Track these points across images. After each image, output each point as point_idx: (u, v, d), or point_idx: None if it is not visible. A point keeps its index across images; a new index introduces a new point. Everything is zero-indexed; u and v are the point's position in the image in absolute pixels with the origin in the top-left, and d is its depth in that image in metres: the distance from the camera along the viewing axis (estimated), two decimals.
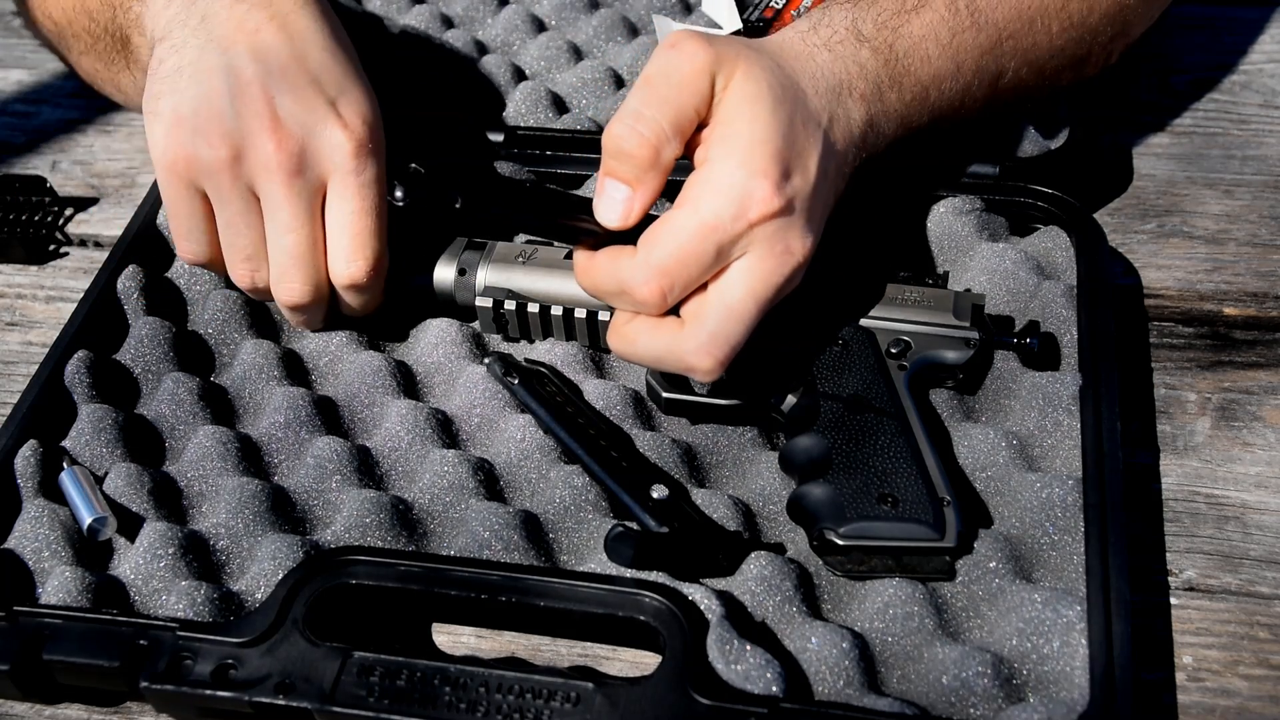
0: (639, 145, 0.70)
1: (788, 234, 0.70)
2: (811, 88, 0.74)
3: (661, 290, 0.70)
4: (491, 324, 0.85)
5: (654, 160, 0.70)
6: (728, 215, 0.69)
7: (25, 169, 1.07)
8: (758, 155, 0.69)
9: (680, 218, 0.70)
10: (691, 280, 0.71)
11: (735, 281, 0.70)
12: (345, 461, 0.78)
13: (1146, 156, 1.03)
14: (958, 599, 0.71)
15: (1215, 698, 0.71)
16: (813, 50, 0.76)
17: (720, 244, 0.69)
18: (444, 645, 0.74)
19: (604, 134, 0.71)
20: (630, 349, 0.74)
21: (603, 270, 0.73)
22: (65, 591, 0.71)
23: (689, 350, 0.71)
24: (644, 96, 0.70)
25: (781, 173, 0.70)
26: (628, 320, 0.74)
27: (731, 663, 0.65)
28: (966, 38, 0.81)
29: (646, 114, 0.70)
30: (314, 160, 0.76)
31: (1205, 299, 0.92)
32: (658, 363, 0.74)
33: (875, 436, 0.74)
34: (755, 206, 0.69)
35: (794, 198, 0.70)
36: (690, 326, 0.71)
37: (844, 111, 0.75)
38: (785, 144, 0.70)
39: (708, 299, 0.71)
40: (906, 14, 0.79)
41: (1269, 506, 0.79)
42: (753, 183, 0.69)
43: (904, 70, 0.78)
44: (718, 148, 0.70)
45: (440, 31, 1.08)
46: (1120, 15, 0.88)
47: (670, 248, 0.70)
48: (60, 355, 0.82)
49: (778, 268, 0.70)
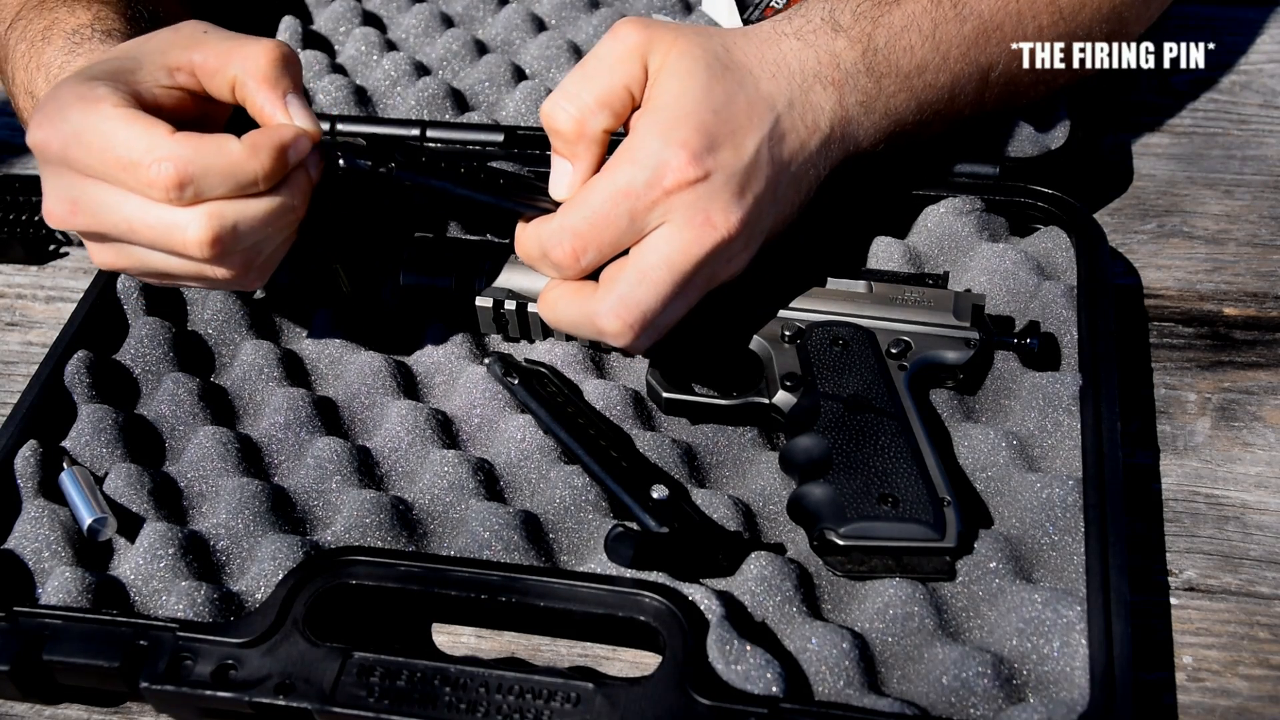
0: (564, 120, 0.74)
1: (709, 205, 0.71)
2: (768, 72, 0.75)
3: (574, 251, 0.73)
4: (491, 324, 0.85)
5: (580, 133, 0.74)
6: (641, 181, 0.71)
7: (25, 169, 1.07)
8: (680, 126, 0.71)
9: (596, 183, 0.73)
10: (604, 245, 0.73)
11: (651, 248, 0.72)
12: (345, 462, 0.78)
13: (1146, 156, 1.03)
14: (958, 599, 0.71)
15: (1215, 698, 0.71)
16: (779, 38, 0.77)
17: (633, 210, 0.71)
18: (444, 645, 0.74)
19: (540, 112, 0.75)
20: (552, 313, 0.76)
21: (528, 235, 0.76)
22: (65, 592, 0.71)
23: (599, 312, 0.73)
24: (575, 76, 0.75)
25: (704, 145, 0.71)
26: (554, 287, 0.76)
27: (731, 663, 0.65)
28: (950, 29, 0.81)
29: (571, 90, 0.74)
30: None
31: (1205, 299, 0.92)
32: (575, 327, 0.76)
33: (875, 436, 0.74)
34: (670, 174, 0.71)
35: (717, 170, 0.71)
36: (602, 289, 0.74)
37: (810, 98, 0.76)
38: (714, 118, 0.72)
39: (624, 264, 0.73)
40: (886, 5, 0.80)
41: (1269, 506, 0.79)
42: (668, 151, 0.71)
43: (884, 61, 0.79)
44: (642, 120, 0.73)
45: (440, 31, 1.08)
46: (1114, 13, 0.88)
47: (584, 211, 0.72)
48: (60, 355, 0.83)
49: (696, 238, 0.72)
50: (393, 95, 1.03)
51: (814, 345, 0.79)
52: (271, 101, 0.72)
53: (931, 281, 0.82)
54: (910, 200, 0.90)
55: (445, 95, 1.02)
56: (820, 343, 0.79)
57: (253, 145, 0.69)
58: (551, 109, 0.74)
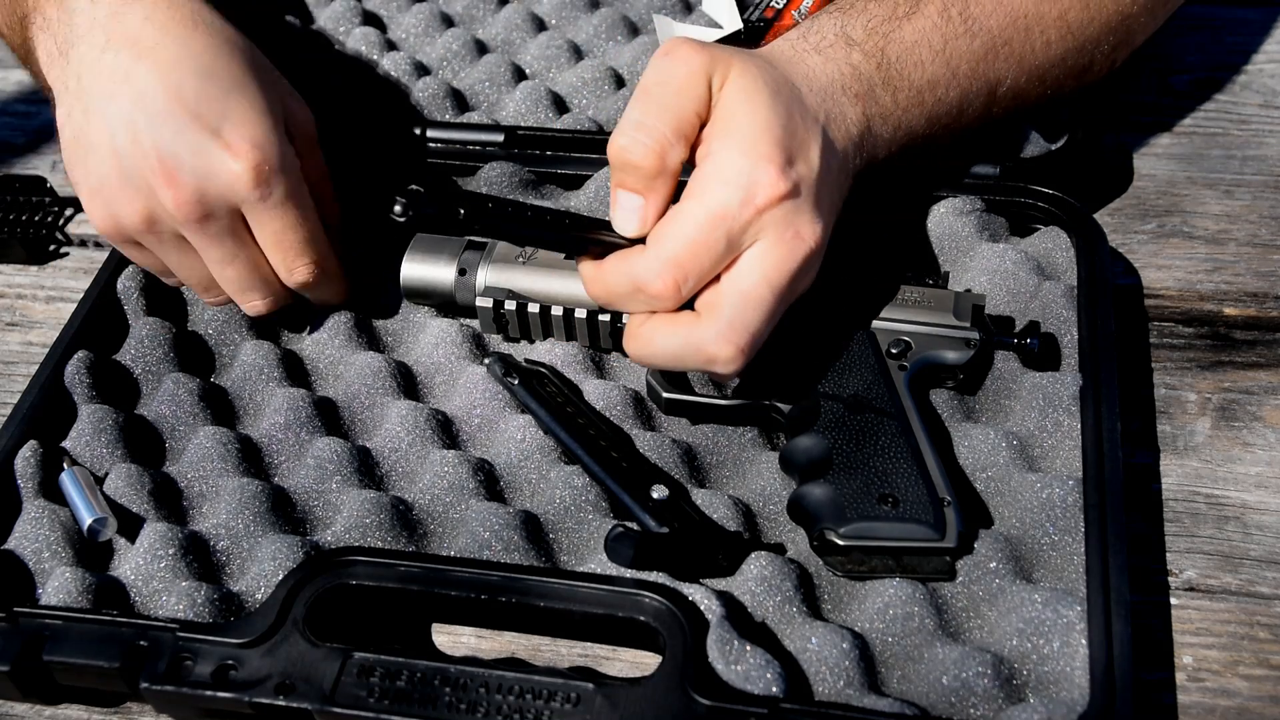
0: (644, 155, 0.70)
1: (796, 219, 0.70)
2: (806, 86, 0.74)
3: (676, 282, 0.70)
4: (491, 324, 0.85)
5: (660, 167, 0.70)
6: (735, 202, 0.69)
7: (25, 169, 1.07)
8: (760, 142, 0.70)
9: (688, 209, 0.70)
10: (704, 271, 0.70)
11: (749, 268, 0.70)
12: (345, 462, 0.78)
13: (1146, 156, 1.03)
14: (958, 599, 0.71)
15: (1215, 698, 0.71)
16: (803, 54, 0.76)
17: (730, 232, 0.69)
18: (444, 645, 0.74)
19: (609, 147, 0.71)
20: (648, 349, 0.73)
21: (614, 273, 0.73)
22: (65, 592, 0.71)
23: (708, 339, 0.71)
24: (644, 106, 0.71)
25: (785, 158, 0.70)
26: (643, 322, 0.73)
27: (731, 663, 0.65)
28: (960, 44, 0.81)
29: (648, 123, 0.70)
30: (217, 199, 0.77)
31: (1205, 299, 0.92)
32: (678, 360, 0.73)
33: (876, 437, 0.74)
34: (762, 191, 0.69)
35: (799, 183, 0.70)
36: (707, 317, 0.71)
37: (839, 110, 0.75)
38: (786, 132, 0.71)
39: (722, 288, 0.71)
40: (897, 20, 0.80)
41: (1269, 506, 0.79)
42: (758, 168, 0.69)
43: (897, 74, 0.79)
44: (719, 140, 0.71)
45: (440, 30, 1.08)
46: (1123, 25, 0.87)
47: (681, 240, 0.70)
48: (60, 355, 0.83)
49: (790, 253, 0.70)
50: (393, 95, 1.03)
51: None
52: None
53: (931, 281, 0.83)
54: (911, 200, 0.90)
55: (445, 95, 1.02)
56: None
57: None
58: (628, 144, 0.70)
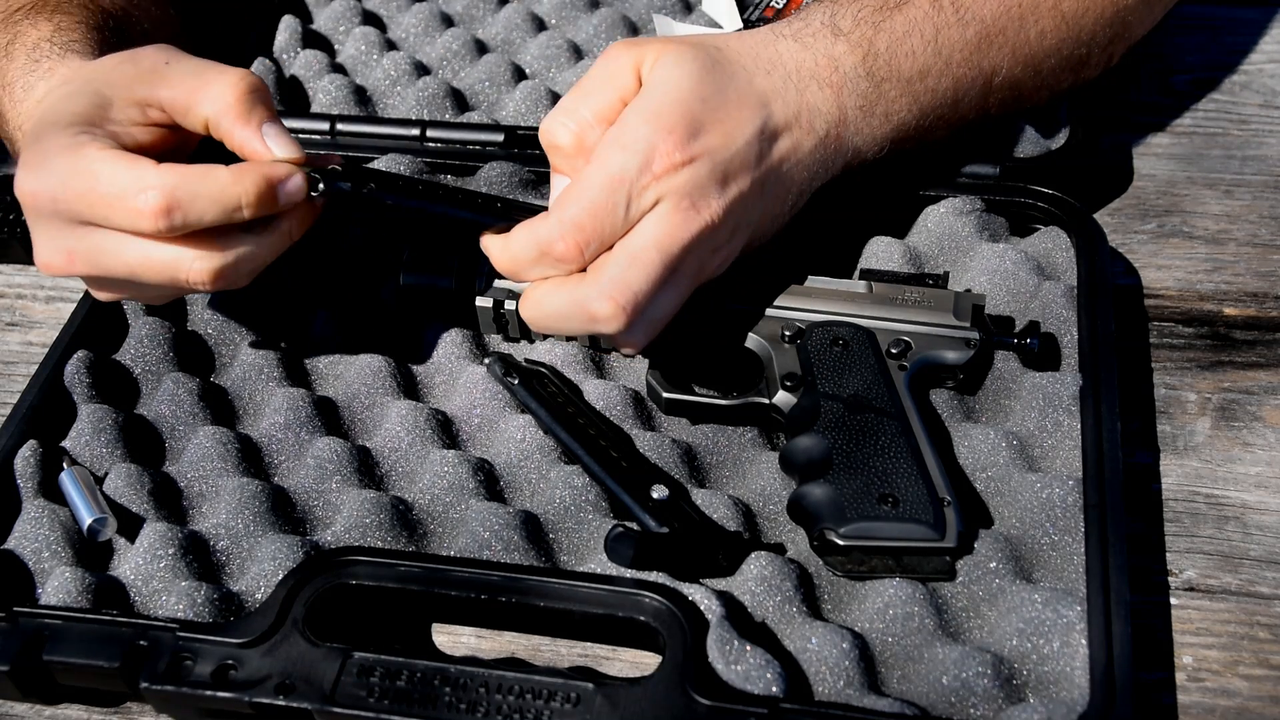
0: (564, 136, 0.75)
1: (694, 191, 0.72)
2: (762, 69, 0.76)
3: (578, 244, 0.72)
4: (491, 324, 0.85)
5: (579, 147, 0.74)
6: (633, 167, 0.71)
7: None
8: (666, 113, 0.72)
9: (589, 173, 0.72)
10: (604, 234, 0.72)
11: (639, 231, 0.72)
12: (345, 462, 0.78)
13: (1146, 156, 1.02)
14: (958, 599, 0.71)
15: (1215, 698, 0.71)
16: (777, 39, 0.78)
17: (628, 195, 0.71)
18: (444, 645, 0.74)
19: (539, 134, 0.76)
20: (538, 310, 0.76)
21: (519, 241, 0.75)
22: (65, 592, 0.71)
23: (591, 296, 0.72)
24: (572, 95, 0.76)
25: (690, 130, 0.72)
26: (536, 284, 0.76)
27: (731, 663, 0.65)
28: (952, 33, 0.81)
29: (569, 107, 0.75)
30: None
31: (1205, 299, 0.92)
32: (564, 318, 0.75)
33: (876, 436, 0.74)
34: (660, 158, 0.71)
35: (704, 156, 0.72)
36: (591, 274, 0.73)
37: (805, 98, 0.76)
38: (702, 106, 0.73)
39: (613, 250, 0.73)
40: (888, 10, 0.80)
41: (1269, 506, 0.79)
42: (657, 135, 0.72)
43: (885, 65, 0.79)
44: (630, 109, 0.73)
45: (440, 30, 1.08)
46: (1118, 16, 0.88)
47: (583, 203, 0.72)
48: (60, 355, 0.83)
49: (683, 222, 0.72)
50: (393, 95, 1.03)
51: (814, 345, 0.79)
52: (249, 138, 0.72)
53: (931, 281, 0.82)
54: (910, 200, 0.90)
55: (445, 95, 1.02)
56: (820, 343, 0.79)
57: (237, 171, 0.70)
58: (551, 126, 0.75)
